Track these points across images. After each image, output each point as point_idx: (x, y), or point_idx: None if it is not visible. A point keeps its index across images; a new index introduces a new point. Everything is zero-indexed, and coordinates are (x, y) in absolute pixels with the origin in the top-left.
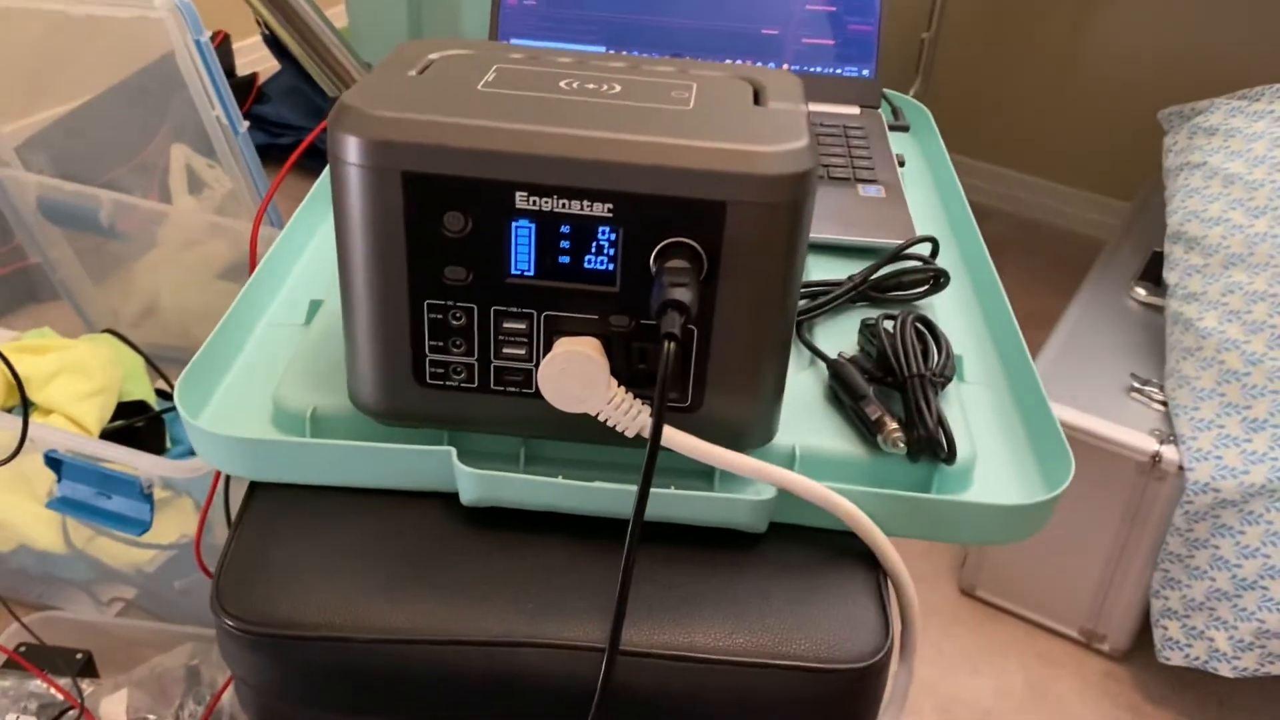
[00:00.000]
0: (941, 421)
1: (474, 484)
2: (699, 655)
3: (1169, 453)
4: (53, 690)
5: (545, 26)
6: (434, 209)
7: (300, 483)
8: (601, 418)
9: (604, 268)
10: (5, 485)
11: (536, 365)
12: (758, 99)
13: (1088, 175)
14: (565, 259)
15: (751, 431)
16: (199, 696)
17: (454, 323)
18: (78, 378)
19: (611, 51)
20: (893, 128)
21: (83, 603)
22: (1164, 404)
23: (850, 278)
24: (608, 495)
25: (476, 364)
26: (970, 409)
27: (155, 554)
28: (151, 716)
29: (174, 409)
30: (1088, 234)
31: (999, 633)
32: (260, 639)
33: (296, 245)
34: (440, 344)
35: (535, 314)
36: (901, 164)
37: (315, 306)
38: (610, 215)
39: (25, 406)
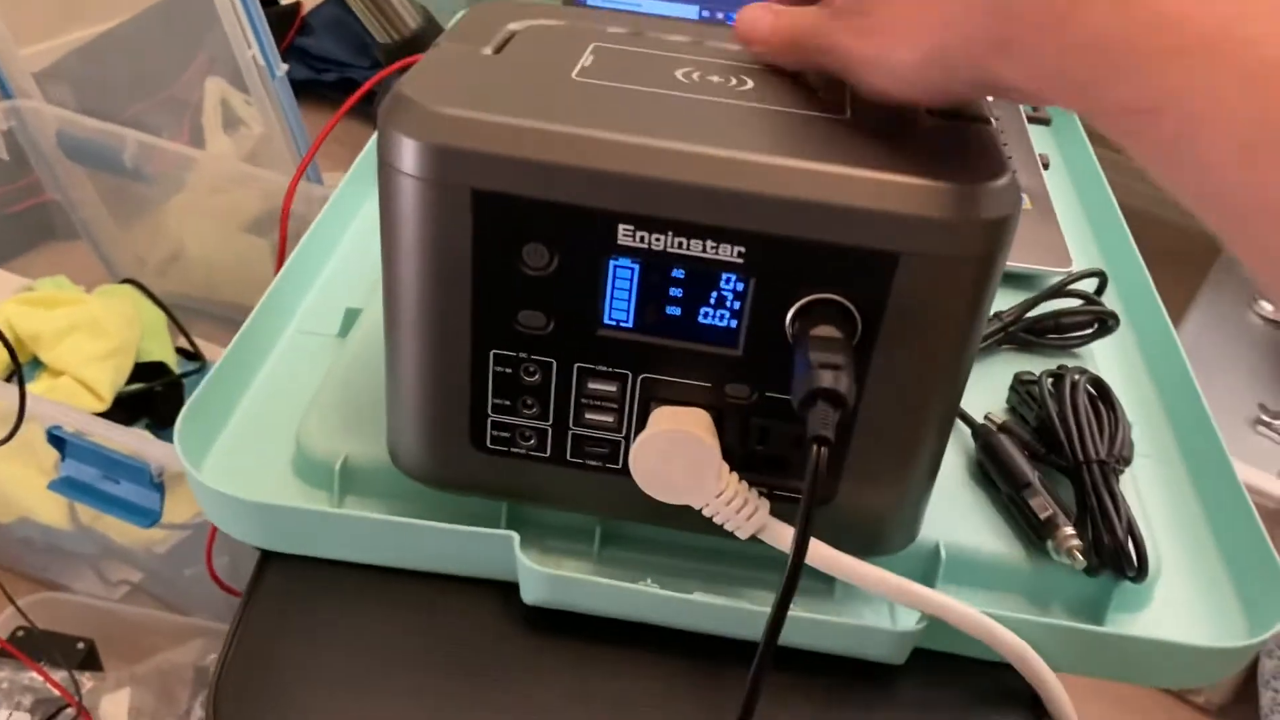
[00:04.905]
0: (1132, 530)
1: (540, 584)
2: None
3: None
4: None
5: None
6: (512, 238)
7: (325, 557)
8: (707, 513)
9: (724, 324)
10: (8, 454)
11: (627, 437)
12: None
13: None
14: (675, 310)
15: (892, 532)
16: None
17: (526, 379)
18: (91, 337)
19: (705, 14)
20: (1031, 120)
21: (89, 579)
22: None
23: (999, 315)
24: (711, 613)
25: (551, 430)
26: (1142, 494)
27: (167, 534)
28: None
29: (196, 372)
30: None
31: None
32: None
33: (333, 234)
34: (507, 403)
35: (630, 376)
36: (1045, 166)
37: (352, 316)
38: (740, 261)
39: (21, 380)
